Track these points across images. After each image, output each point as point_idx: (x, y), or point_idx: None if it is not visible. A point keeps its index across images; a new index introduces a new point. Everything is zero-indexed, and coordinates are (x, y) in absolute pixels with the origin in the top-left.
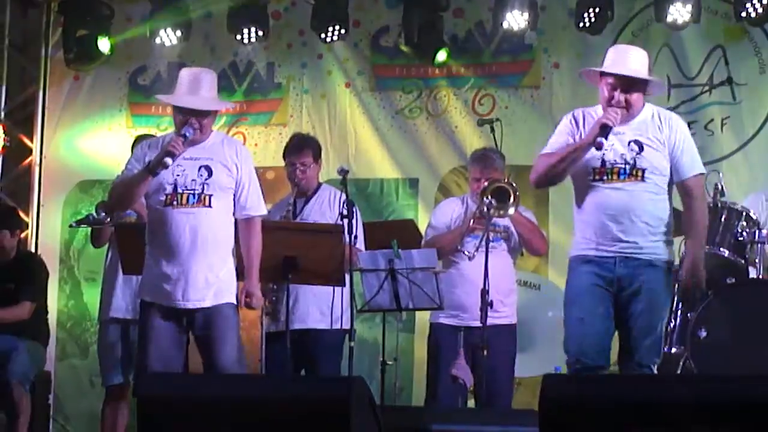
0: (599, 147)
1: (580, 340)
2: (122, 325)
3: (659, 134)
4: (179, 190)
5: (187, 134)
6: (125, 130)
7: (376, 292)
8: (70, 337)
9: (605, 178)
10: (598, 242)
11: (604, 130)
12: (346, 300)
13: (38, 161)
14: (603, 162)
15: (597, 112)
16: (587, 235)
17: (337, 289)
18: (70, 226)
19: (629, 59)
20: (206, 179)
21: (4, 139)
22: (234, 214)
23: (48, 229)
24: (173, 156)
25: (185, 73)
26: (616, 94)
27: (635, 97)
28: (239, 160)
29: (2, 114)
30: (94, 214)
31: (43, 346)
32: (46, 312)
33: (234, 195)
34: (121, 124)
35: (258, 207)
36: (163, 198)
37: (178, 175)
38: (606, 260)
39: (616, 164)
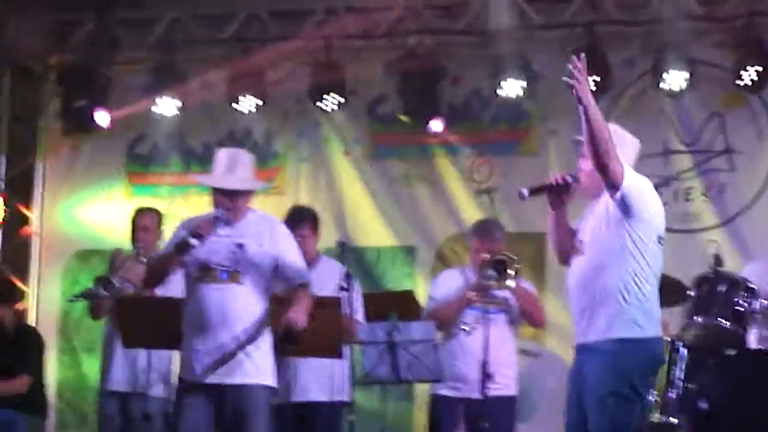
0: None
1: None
2: (120, 397)
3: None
4: (212, 267)
5: (219, 216)
6: (124, 200)
7: (375, 364)
8: (69, 408)
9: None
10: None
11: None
12: (345, 372)
13: (37, 231)
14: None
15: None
16: None
17: (337, 361)
18: (69, 300)
19: None
20: (238, 256)
21: (4, 210)
22: (278, 289)
23: (47, 299)
24: (200, 238)
25: (222, 154)
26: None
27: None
28: (274, 236)
29: (2, 184)
30: (92, 287)
31: (41, 419)
32: (44, 385)
33: (274, 271)
34: (120, 193)
35: (302, 276)
36: (196, 274)
37: (212, 253)
38: (577, 348)
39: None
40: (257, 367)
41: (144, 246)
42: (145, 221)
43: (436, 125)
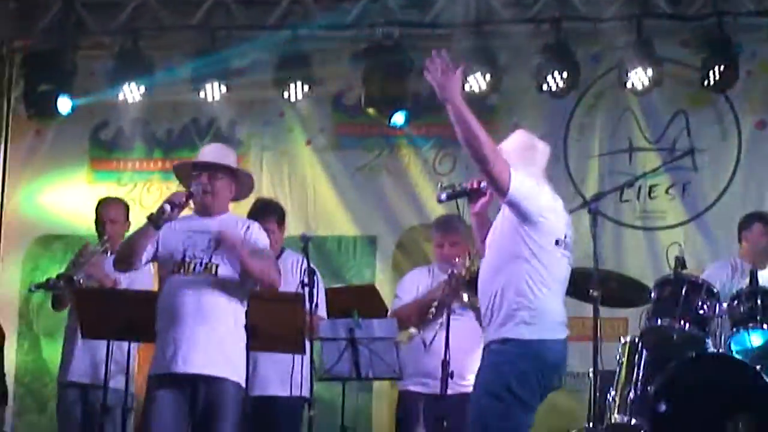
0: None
1: None
2: (81, 389)
3: None
4: (187, 260)
5: (193, 189)
6: (86, 185)
7: (336, 360)
8: (28, 393)
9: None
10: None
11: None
12: (306, 367)
13: None
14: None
15: None
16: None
17: (298, 356)
18: (29, 290)
19: None
20: (214, 249)
21: None
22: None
23: (7, 283)
24: (173, 205)
25: (209, 146)
26: None
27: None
28: (250, 236)
29: None
30: (54, 278)
31: (2, 407)
32: (3, 373)
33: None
34: (82, 179)
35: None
36: (170, 267)
37: (187, 246)
38: None
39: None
40: (231, 363)
41: (111, 239)
42: (111, 213)
43: (398, 118)
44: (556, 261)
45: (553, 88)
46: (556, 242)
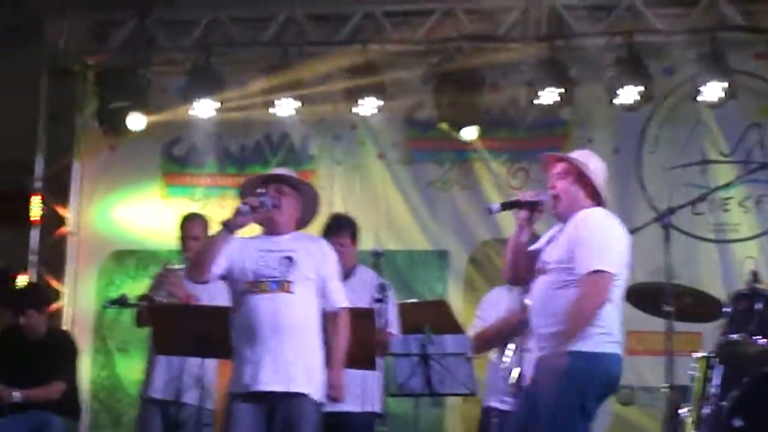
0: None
1: None
2: (160, 405)
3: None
4: (261, 279)
5: (266, 202)
6: (160, 200)
7: (408, 376)
8: (103, 408)
9: None
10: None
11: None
12: (378, 383)
13: (74, 231)
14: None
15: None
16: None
17: (370, 372)
18: (104, 306)
19: None
20: (288, 267)
21: (41, 209)
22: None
23: (82, 299)
24: (251, 207)
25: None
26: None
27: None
28: (323, 255)
29: (39, 184)
30: (131, 298)
31: (75, 421)
32: (77, 389)
33: (317, 289)
34: (156, 194)
35: (342, 300)
36: (244, 286)
37: (260, 265)
38: None
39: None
40: (310, 380)
41: None
42: (194, 230)
43: (469, 133)
44: (621, 282)
45: (626, 102)
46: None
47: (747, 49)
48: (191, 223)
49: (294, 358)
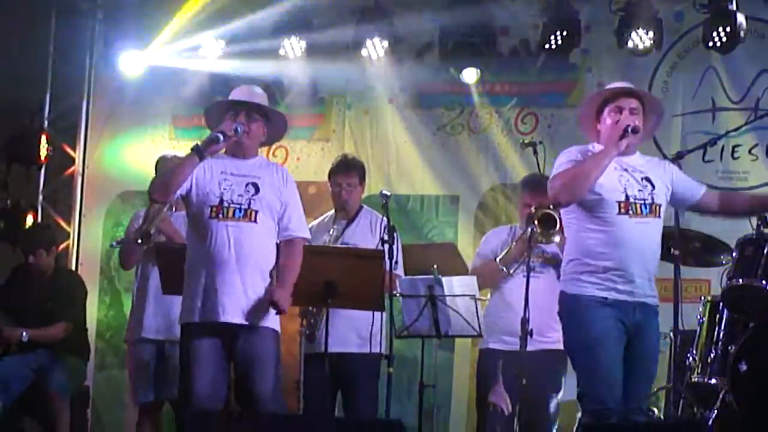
0: (634, 131)
1: (610, 385)
2: (155, 345)
3: (662, 173)
4: (225, 204)
5: (238, 128)
6: (168, 142)
7: (415, 318)
8: (109, 347)
9: (630, 211)
10: (615, 280)
11: (628, 131)
12: (384, 324)
13: (81, 171)
14: (627, 196)
15: (595, 148)
16: (605, 270)
17: (376, 313)
18: (111, 246)
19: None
20: (253, 195)
21: (48, 149)
22: (278, 236)
23: (89, 239)
24: (224, 135)
25: (241, 87)
26: (626, 113)
27: (639, 122)
28: (285, 184)
29: (46, 123)
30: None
31: (83, 361)
32: (86, 329)
33: (278, 217)
34: (164, 136)
35: (301, 229)
36: (207, 211)
37: (224, 189)
38: (625, 305)
39: (637, 199)
40: (268, 310)
41: None
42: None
43: (470, 75)
44: None
45: (636, 46)
46: None
47: None
48: (167, 163)
49: (254, 290)
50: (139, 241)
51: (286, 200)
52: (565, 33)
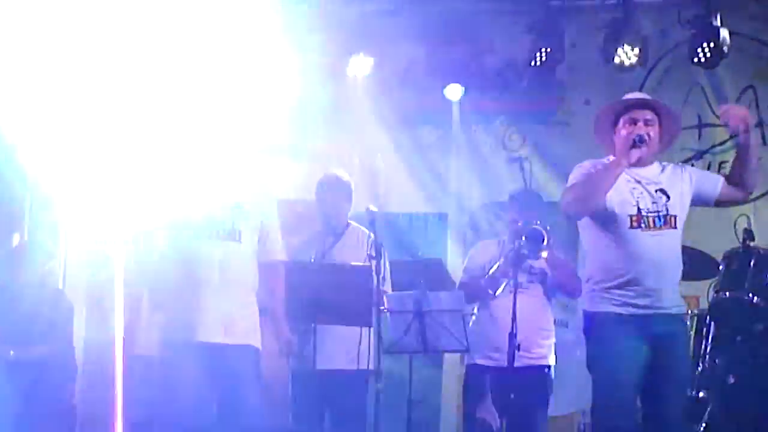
0: (641, 141)
1: (622, 404)
2: (147, 361)
3: (680, 181)
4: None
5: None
6: None
7: (403, 334)
8: (98, 368)
9: (643, 225)
10: (631, 295)
11: (636, 142)
12: (372, 341)
13: None
14: (639, 209)
15: (610, 160)
16: (619, 287)
17: (364, 329)
18: None
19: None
20: (236, 215)
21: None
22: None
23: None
24: None
25: None
26: (640, 124)
27: (653, 133)
28: (269, 204)
29: None
30: None
31: (70, 380)
32: (72, 348)
33: (259, 239)
34: None
35: (282, 252)
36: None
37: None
38: (642, 319)
39: (650, 212)
40: (252, 330)
41: None
42: None
43: (453, 92)
44: None
45: (622, 62)
46: None
47: (741, 11)
48: None
49: (239, 310)
50: None
51: (266, 222)
52: (550, 50)
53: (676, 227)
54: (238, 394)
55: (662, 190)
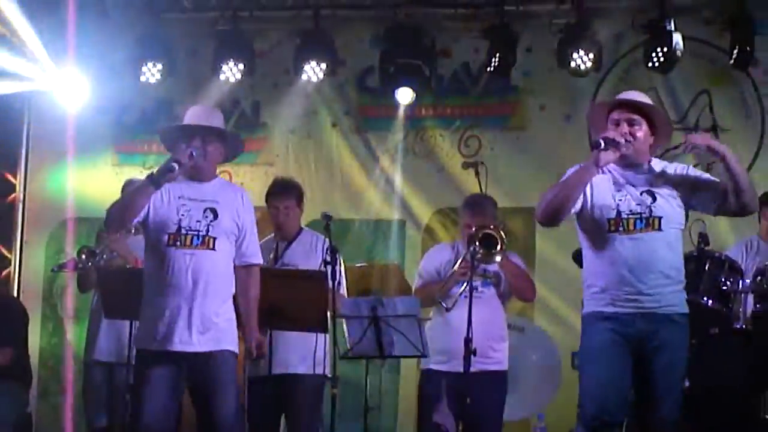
0: (597, 145)
1: (602, 399)
2: (106, 368)
3: (671, 182)
4: (183, 231)
5: (194, 152)
6: (110, 168)
7: (359, 339)
8: (53, 375)
9: (621, 228)
10: (615, 297)
11: (605, 141)
12: (327, 345)
13: (22, 198)
14: (618, 212)
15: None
16: (603, 290)
17: (320, 334)
18: (52, 270)
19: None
20: (211, 221)
21: None
22: (234, 260)
23: (31, 266)
24: (180, 163)
25: (195, 107)
26: (623, 125)
27: (640, 133)
28: (244, 208)
29: None
30: (76, 257)
31: (25, 388)
32: (27, 355)
33: (236, 242)
34: (107, 162)
35: (258, 255)
36: (165, 238)
37: (182, 215)
38: (625, 316)
39: (631, 215)
40: (228, 334)
41: None
42: None
43: (404, 95)
44: None
45: (578, 67)
46: None
47: (695, 16)
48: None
49: (213, 317)
50: (86, 262)
51: (243, 224)
52: (504, 55)
53: (660, 229)
54: (217, 402)
55: (649, 191)
